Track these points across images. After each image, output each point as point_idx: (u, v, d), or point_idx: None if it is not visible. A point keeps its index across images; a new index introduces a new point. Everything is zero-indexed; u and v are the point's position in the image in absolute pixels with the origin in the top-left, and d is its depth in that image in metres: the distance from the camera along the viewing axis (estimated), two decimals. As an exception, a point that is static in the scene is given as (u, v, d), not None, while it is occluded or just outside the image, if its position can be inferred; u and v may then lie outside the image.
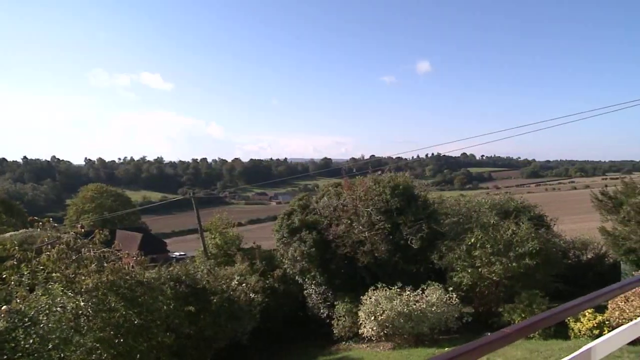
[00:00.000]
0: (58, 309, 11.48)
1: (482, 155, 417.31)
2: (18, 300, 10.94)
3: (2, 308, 11.02)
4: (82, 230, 13.97)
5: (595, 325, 14.96)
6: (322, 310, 23.27)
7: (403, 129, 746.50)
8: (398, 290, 18.54)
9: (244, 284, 20.08)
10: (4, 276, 12.24)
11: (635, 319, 4.32)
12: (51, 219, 13.77)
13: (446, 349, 14.68)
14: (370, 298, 18.69)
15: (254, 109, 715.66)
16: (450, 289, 18.70)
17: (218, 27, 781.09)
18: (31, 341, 10.03)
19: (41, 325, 10.41)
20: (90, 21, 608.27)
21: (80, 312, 12.44)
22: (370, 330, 18.17)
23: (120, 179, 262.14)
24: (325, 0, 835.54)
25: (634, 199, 22.51)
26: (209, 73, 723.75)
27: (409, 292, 18.36)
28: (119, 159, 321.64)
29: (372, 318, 17.98)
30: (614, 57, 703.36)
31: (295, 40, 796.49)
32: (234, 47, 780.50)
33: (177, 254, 68.00)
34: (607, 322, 14.71)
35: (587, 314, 15.28)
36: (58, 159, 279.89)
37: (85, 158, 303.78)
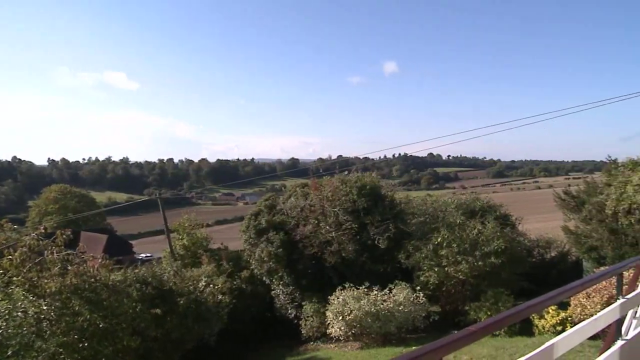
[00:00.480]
0: (19, 313, 11.21)
1: (449, 156, 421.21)
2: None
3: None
4: (45, 231, 13.68)
5: (559, 321, 15.22)
6: (289, 311, 23.25)
7: (370, 129, 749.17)
8: (365, 290, 18.58)
9: (211, 285, 19.90)
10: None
11: (596, 314, 4.42)
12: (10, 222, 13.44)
13: (413, 347, 14.81)
14: (337, 298, 18.71)
15: (221, 109, 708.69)
16: (418, 288, 18.84)
17: (183, 25, 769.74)
18: (-11, 347, 9.75)
19: (0, 331, 10.11)
20: (52, 18, 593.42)
21: (43, 316, 12.17)
22: (338, 330, 18.20)
23: (84, 179, 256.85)
24: None
25: (595, 198, 23.05)
26: (175, 72, 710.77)
27: (376, 292, 18.42)
28: (84, 159, 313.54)
29: (340, 318, 18.00)
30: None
31: (262, 40, 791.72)
32: (200, 46, 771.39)
33: (143, 255, 66.92)
34: (569, 319, 14.98)
35: (550, 310, 15.53)
36: (19, 159, 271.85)
37: (48, 158, 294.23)
